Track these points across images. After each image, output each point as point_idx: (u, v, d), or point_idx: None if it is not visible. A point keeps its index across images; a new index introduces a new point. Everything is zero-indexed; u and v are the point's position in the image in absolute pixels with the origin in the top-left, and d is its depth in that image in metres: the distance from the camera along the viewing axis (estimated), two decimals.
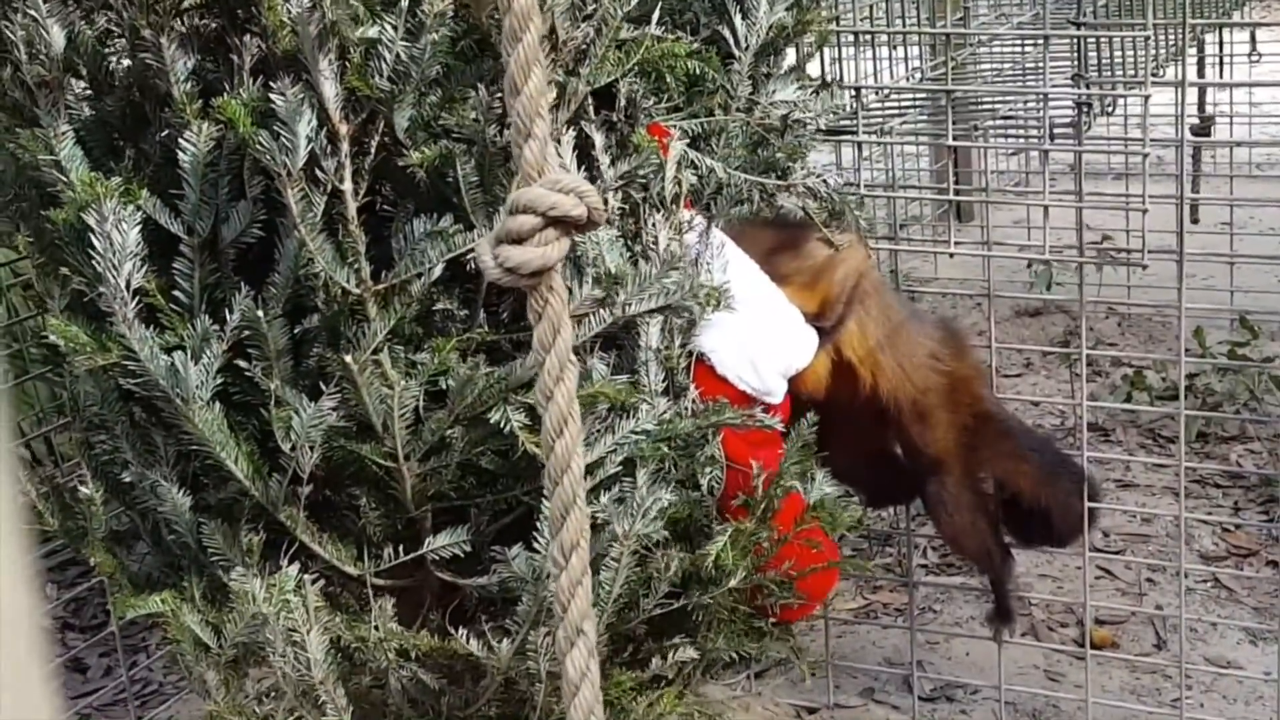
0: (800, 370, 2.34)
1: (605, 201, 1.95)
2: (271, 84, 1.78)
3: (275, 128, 1.78)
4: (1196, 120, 5.02)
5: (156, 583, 2.08)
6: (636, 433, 1.94)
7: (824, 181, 2.35)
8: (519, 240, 1.14)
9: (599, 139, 1.96)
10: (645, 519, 1.91)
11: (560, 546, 1.19)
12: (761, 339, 2.22)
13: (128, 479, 2.03)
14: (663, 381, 2.03)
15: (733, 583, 2.08)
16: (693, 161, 2.15)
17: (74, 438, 2.14)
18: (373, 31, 1.80)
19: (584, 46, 1.94)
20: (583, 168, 1.93)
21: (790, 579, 2.17)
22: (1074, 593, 3.16)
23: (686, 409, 2.06)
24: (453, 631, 1.96)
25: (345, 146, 1.83)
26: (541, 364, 1.16)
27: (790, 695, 2.97)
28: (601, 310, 1.93)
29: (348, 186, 1.84)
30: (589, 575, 1.19)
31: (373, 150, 1.87)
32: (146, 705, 3.06)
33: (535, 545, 1.89)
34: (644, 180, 2.00)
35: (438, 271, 1.87)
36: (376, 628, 1.96)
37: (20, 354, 3.06)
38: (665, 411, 1.99)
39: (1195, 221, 4.94)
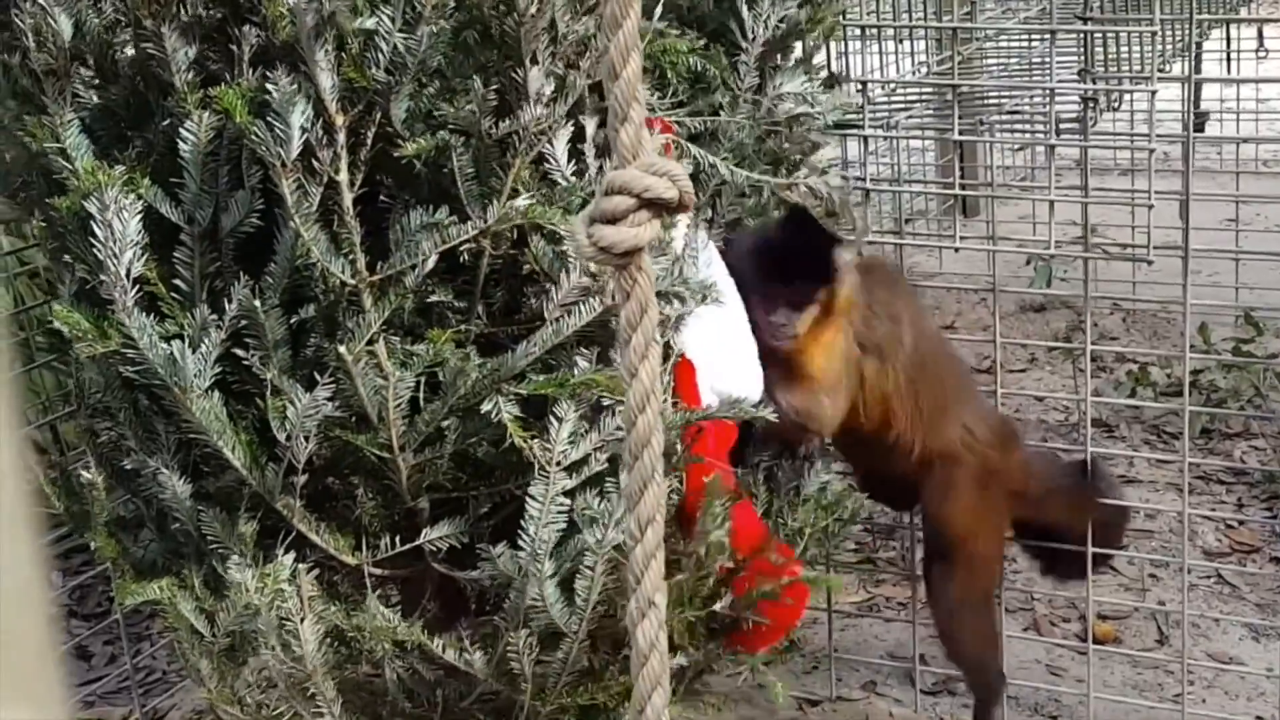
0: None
1: (593, 192, 1.95)
2: (270, 74, 1.79)
3: (270, 118, 1.78)
4: (1194, 115, 5.02)
5: (160, 570, 2.09)
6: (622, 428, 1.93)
7: (825, 182, 2.34)
8: (613, 220, 1.15)
9: (590, 126, 1.96)
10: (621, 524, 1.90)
11: (637, 520, 1.21)
12: (722, 356, 2.19)
13: (130, 466, 2.04)
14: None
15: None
16: (695, 156, 2.15)
17: (79, 425, 2.15)
18: (370, 22, 1.81)
19: (585, 40, 1.94)
20: (573, 161, 1.93)
21: (760, 595, 2.15)
22: (1076, 587, 3.15)
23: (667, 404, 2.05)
24: (426, 641, 1.96)
25: (341, 137, 1.84)
26: (628, 342, 1.18)
27: (792, 687, 2.97)
28: (592, 300, 1.92)
29: (343, 177, 1.85)
30: (662, 549, 1.22)
31: (369, 141, 1.87)
32: (150, 693, 3.07)
33: (520, 543, 1.89)
34: None
35: (431, 263, 1.87)
36: (374, 617, 1.96)
37: (27, 342, 3.06)
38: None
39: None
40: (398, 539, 1.98)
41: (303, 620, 1.87)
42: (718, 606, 2.10)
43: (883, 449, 2.57)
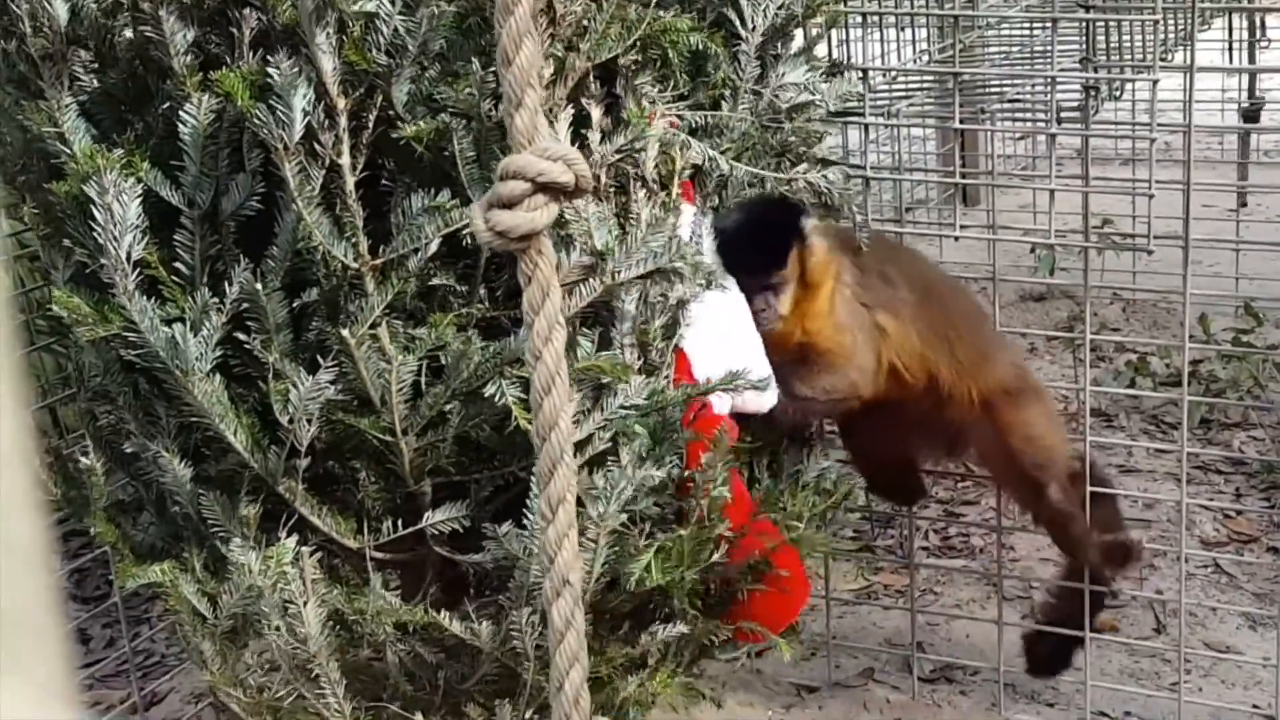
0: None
1: (597, 177, 1.96)
2: (271, 57, 1.79)
3: (272, 101, 1.78)
4: (1247, 104, 5.07)
5: (160, 553, 2.09)
6: (626, 407, 1.93)
7: (824, 176, 2.33)
8: (509, 205, 1.19)
9: (595, 113, 1.95)
10: (621, 499, 1.90)
11: (548, 500, 1.24)
12: (722, 345, 2.17)
13: (130, 450, 2.04)
14: (638, 357, 2.02)
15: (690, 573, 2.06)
16: (698, 150, 2.15)
17: (79, 408, 2.15)
18: (370, 5, 1.80)
19: (584, 21, 1.94)
20: (577, 144, 1.92)
21: (758, 565, 2.15)
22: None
23: (663, 384, 2.05)
24: (434, 614, 1.97)
25: (343, 120, 1.84)
26: (531, 325, 1.22)
27: (790, 674, 2.98)
28: (591, 279, 1.92)
29: (345, 160, 1.85)
30: (574, 528, 1.25)
31: (371, 124, 1.87)
32: (149, 676, 3.08)
33: (524, 523, 1.89)
34: (636, 155, 2.00)
35: (434, 246, 1.88)
36: (376, 600, 1.97)
37: (26, 325, 3.06)
38: (647, 385, 1.98)
39: (1243, 206, 4.98)
40: (399, 522, 1.99)
41: (306, 603, 1.87)
42: (716, 556, 2.09)
43: (937, 405, 2.55)
